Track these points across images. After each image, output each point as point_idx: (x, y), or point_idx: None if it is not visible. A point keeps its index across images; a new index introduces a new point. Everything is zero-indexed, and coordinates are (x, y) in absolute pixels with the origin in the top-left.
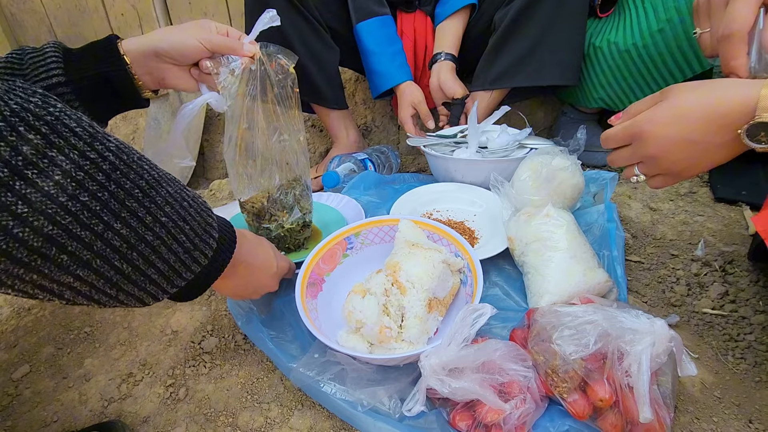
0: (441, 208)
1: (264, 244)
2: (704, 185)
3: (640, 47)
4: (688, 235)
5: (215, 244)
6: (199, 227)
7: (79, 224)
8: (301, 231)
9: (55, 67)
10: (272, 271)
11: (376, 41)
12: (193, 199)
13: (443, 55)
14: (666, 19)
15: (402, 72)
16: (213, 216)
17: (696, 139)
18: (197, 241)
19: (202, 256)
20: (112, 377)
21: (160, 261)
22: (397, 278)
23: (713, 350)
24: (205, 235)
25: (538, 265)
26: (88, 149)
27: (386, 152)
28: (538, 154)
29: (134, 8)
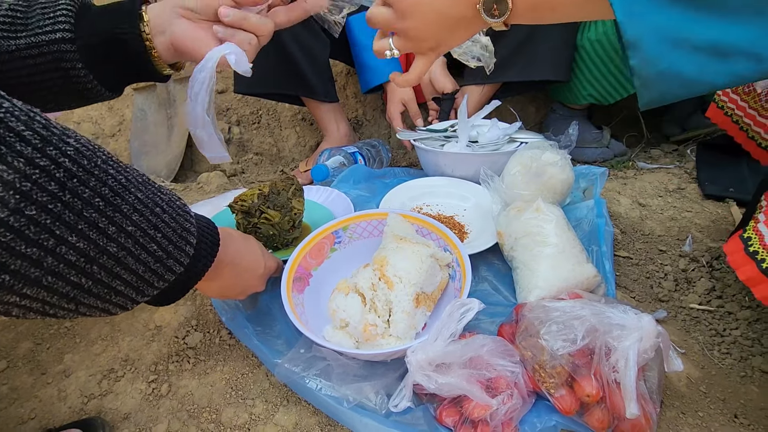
0: (431, 202)
1: (251, 243)
2: (693, 182)
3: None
4: (676, 230)
5: (192, 251)
6: (173, 234)
7: (24, 241)
8: (290, 230)
9: (63, 21)
10: (259, 272)
11: (367, 35)
12: (168, 204)
13: None
14: None
15: (392, 68)
16: (191, 220)
17: (443, 12)
18: (171, 249)
19: (177, 264)
20: (92, 373)
21: (126, 272)
22: (385, 273)
23: (700, 345)
24: (181, 241)
25: (527, 260)
26: (37, 156)
27: (377, 146)
28: (528, 149)
29: None
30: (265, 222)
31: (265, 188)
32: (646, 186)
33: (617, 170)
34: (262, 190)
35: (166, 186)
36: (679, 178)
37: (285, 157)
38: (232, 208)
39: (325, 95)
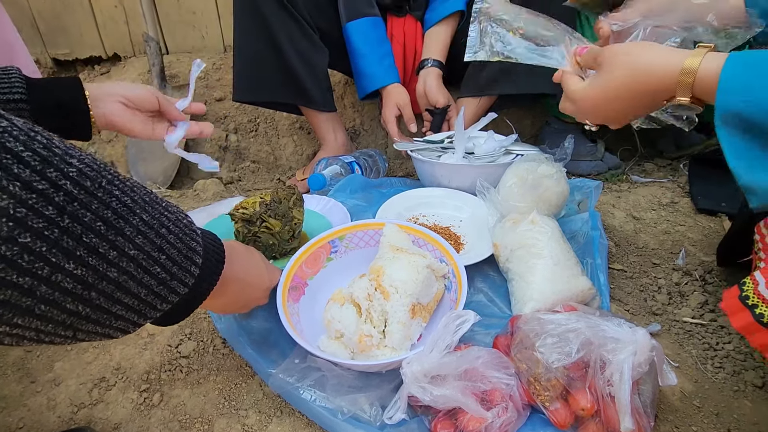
0: (427, 212)
1: (255, 256)
2: (685, 196)
3: None
4: (670, 244)
5: (197, 271)
6: (178, 254)
7: (16, 270)
8: (290, 240)
9: (18, 86)
10: (264, 286)
11: (365, 42)
12: (174, 223)
13: (430, 62)
14: None
15: (389, 74)
16: (197, 239)
17: (622, 109)
18: (175, 270)
19: (181, 285)
20: (83, 382)
21: (127, 296)
22: (381, 283)
23: (693, 359)
24: (186, 262)
25: (522, 272)
26: (36, 178)
27: (374, 156)
28: (524, 161)
29: (121, 4)
30: (265, 231)
31: (267, 197)
32: (640, 199)
33: (611, 183)
34: (263, 198)
35: (164, 194)
36: (673, 192)
37: (282, 165)
38: (232, 216)
39: (323, 104)
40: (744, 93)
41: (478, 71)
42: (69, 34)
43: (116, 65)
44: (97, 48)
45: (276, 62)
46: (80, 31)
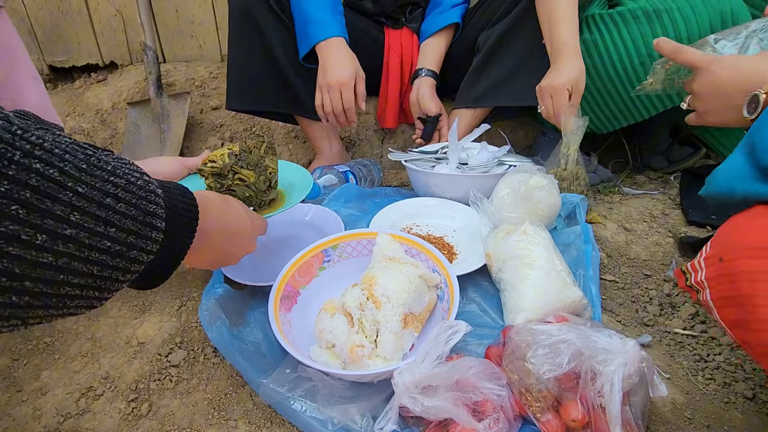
0: (421, 222)
1: (232, 204)
2: (676, 208)
3: (623, 76)
4: (661, 255)
5: (161, 235)
6: (133, 223)
7: None
8: (266, 191)
9: None
10: (247, 233)
11: None
12: (125, 189)
13: (424, 71)
14: (647, 54)
15: (340, 26)
16: (158, 200)
17: (729, 93)
18: (132, 240)
19: (144, 253)
20: (70, 391)
21: (76, 277)
22: (373, 292)
23: (684, 370)
24: (145, 228)
25: (514, 282)
26: None
27: (369, 165)
28: (517, 173)
29: (119, 12)
30: (239, 183)
31: (235, 147)
32: (632, 211)
33: (604, 195)
34: (231, 149)
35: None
36: (664, 204)
37: None
38: (201, 172)
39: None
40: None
41: (472, 83)
42: (66, 42)
43: (113, 73)
44: (95, 56)
45: (270, 71)
46: (78, 39)
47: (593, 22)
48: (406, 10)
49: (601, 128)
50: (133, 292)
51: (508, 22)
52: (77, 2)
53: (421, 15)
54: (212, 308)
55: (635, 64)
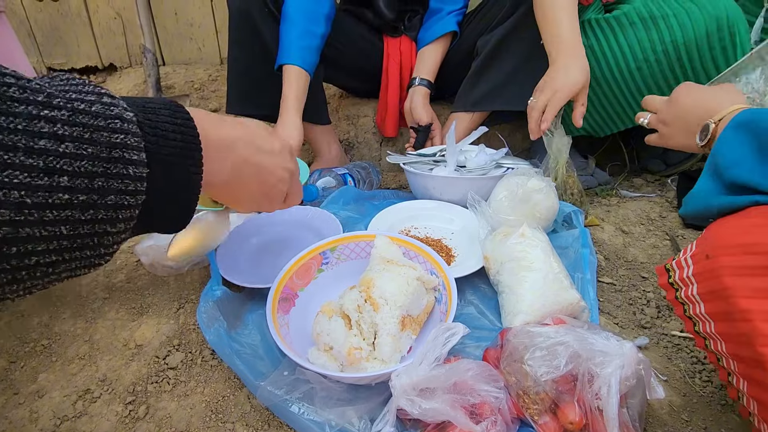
0: (419, 225)
1: (240, 119)
2: (673, 210)
3: (619, 80)
4: (658, 258)
5: (143, 170)
6: (92, 164)
7: None
8: None
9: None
10: (277, 146)
11: (297, 8)
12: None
13: (418, 80)
14: (643, 58)
15: (299, 54)
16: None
17: (689, 120)
18: (100, 183)
19: (125, 196)
20: (67, 393)
21: (41, 243)
22: (371, 294)
23: (681, 372)
24: (115, 166)
25: (512, 285)
26: None
27: (367, 168)
28: (515, 176)
29: (119, 15)
30: None
31: None
32: (629, 214)
33: (601, 198)
34: None
35: None
36: (661, 207)
37: None
38: None
39: (317, 117)
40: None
41: (471, 87)
42: (66, 44)
43: (112, 75)
44: (94, 58)
45: (270, 75)
46: (77, 41)
47: (589, 26)
48: (404, 18)
49: (599, 131)
50: (130, 294)
51: (506, 27)
52: (77, 5)
53: (420, 22)
54: (210, 310)
55: (632, 69)
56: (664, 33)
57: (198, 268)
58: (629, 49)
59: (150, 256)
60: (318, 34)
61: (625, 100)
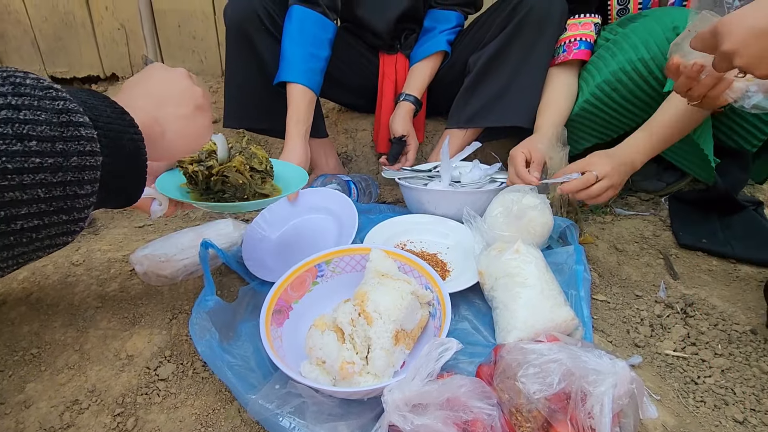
0: (414, 239)
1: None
2: (667, 229)
3: (602, 97)
4: (652, 276)
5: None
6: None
7: None
8: (264, 178)
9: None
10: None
11: (302, 31)
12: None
13: (404, 96)
14: (615, 80)
15: (304, 75)
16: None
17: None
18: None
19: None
20: (54, 404)
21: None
22: (365, 308)
23: (675, 392)
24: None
25: (506, 301)
26: None
27: (367, 180)
28: (510, 192)
29: (123, 27)
30: (230, 168)
31: (214, 145)
32: (623, 232)
33: (596, 215)
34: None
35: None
36: (654, 225)
37: None
38: (180, 164)
39: (315, 131)
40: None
41: (463, 104)
42: (69, 53)
43: (113, 85)
44: (96, 67)
45: (267, 90)
46: (80, 50)
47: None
48: (401, 36)
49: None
50: (123, 304)
51: (496, 45)
52: (81, 15)
53: (415, 40)
54: (202, 321)
55: (602, 85)
56: (629, 52)
57: (193, 278)
58: (605, 69)
59: (144, 265)
60: (322, 57)
61: (614, 110)
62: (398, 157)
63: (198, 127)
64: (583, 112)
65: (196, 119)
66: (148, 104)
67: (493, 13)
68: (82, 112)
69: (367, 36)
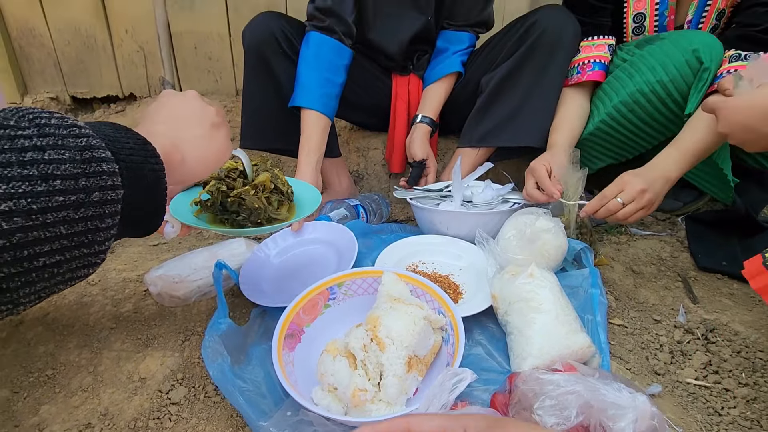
0: (426, 260)
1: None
2: (685, 251)
3: (618, 117)
4: (671, 300)
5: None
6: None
7: None
8: (278, 207)
9: None
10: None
11: (318, 57)
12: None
13: (420, 118)
14: (632, 101)
15: (320, 100)
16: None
17: (756, 127)
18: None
19: (108, 191)
20: (68, 427)
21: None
22: (377, 333)
23: (698, 424)
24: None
25: (521, 326)
26: None
27: (378, 200)
28: (523, 214)
29: (141, 49)
30: (248, 191)
31: (239, 164)
32: (639, 253)
33: (611, 236)
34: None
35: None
36: (672, 247)
37: None
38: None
39: (328, 150)
40: None
41: (476, 123)
42: (90, 75)
43: (131, 104)
44: (115, 88)
45: (283, 111)
46: (100, 72)
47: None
48: (413, 57)
49: (626, 155)
50: (137, 325)
51: (509, 66)
52: (102, 38)
53: (428, 61)
54: (214, 345)
55: (619, 106)
56: (646, 74)
57: (206, 299)
58: (622, 90)
59: (158, 286)
60: (338, 83)
61: (630, 131)
62: (418, 180)
63: (218, 144)
64: (598, 131)
65: (213, 137)
66: (168, 130)
67: (506, 35)
68: (104, 147)
69: (380, 58)
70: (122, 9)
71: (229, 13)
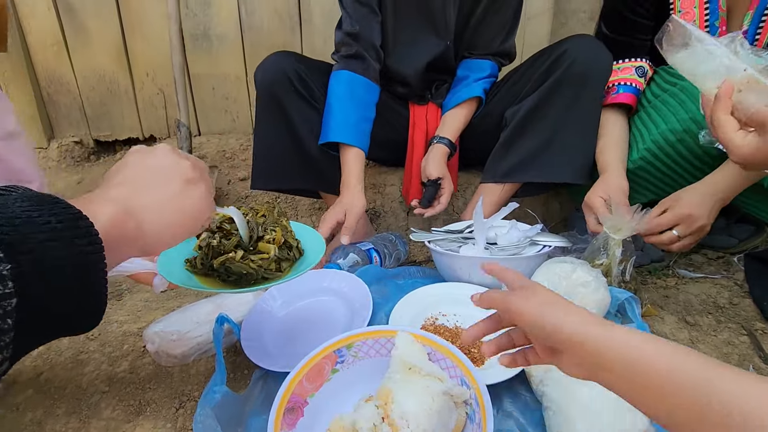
0: (447, 311)
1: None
2: (746, 296)
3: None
4: (736, 358)
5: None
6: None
7: None
8: (277, 267)
9: None
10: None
11: (353, 94)
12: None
13: (437, 139)
14: (683, 130)
15: (359, 137)
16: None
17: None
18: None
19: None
20: None
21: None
22: (389, 413)
23: None
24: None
25: (560, 402)
26: None
27: (393, 240)
28: (556, 263)
29: (161, 91)
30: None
31: (244, 209)
32: (692, 300)
33: (656, 278)
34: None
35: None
36: (730, 291)
37: None
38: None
39: None
40: None
41: (500, 158)
42: (112, 118)
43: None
44: (136, 130)
45: (295, 150)
46: (122, 115)
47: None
48: (431, 86)
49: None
50: (130, 388)
51: (537, 97)
52: (125, 83)
53: (447, 90)
54: (207, 419)
55: (673, 141)
56: (686, 103)
57: (205, 358)
58: (671, 117)
59: (156, 343)
60: (370, 119)
61: (679, 165)
62: (432, 201)
63: (192, 203)
64: (641, 164)
65: (187, 196)
66: (122, 193)
67: (532, 65)
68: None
69: (397, 87)
70: (143, 54)
71: (246, 55)
